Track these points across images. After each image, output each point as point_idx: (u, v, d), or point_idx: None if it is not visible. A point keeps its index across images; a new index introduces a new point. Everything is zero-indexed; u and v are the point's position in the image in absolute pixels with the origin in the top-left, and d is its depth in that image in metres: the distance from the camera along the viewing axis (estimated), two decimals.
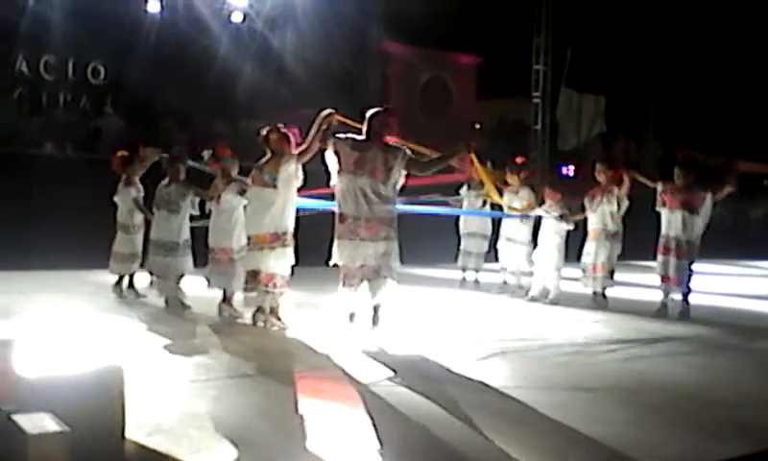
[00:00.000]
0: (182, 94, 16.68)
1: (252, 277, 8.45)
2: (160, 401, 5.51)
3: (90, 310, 9.40)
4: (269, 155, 8.54)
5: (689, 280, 10.46)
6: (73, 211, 13.09)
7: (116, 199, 10.61)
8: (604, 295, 11.17)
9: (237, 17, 18.71)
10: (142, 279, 10.39)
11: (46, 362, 4.74)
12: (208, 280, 9.33)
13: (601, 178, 11.20)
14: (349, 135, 8.38)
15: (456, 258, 13.24)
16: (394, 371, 6.85)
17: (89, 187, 13.36)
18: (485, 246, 12.99)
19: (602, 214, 11.08)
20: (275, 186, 8.34)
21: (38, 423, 3.82)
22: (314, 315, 9.35)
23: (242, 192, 8.91)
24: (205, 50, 17.89)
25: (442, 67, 29.55)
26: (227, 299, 9.19)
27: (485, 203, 12.71)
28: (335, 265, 8.25)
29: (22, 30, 16.19)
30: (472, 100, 30.62)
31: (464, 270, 13.18)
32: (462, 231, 13.07)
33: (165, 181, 9.94)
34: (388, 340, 7.99)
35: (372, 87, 21.77)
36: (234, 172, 9.25)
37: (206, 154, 9.32)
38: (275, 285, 8.47)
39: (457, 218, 13.12)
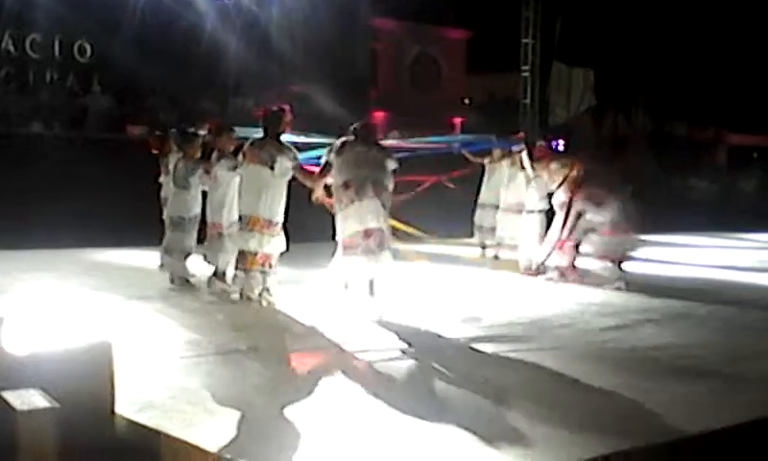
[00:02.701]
0: (170, 72, 16.55)
1: (247, 256, 8.40)
2: (151, 378, 5.50)
3: (80, 288, 9.38)
4: (263, 134, 8.54)
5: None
6: (61, 190, 13.04)
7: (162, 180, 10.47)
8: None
9: None
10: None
11: (35, 339, 4.71)
12: (205, 256, 9.33)
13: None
14: (345, 141, 8.46)
15: (472, 234, 13.18)
16: (389, 343, 6.87)
17: (77, 166, 13.32)
18: (496, 217, 12.76)
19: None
20: (272, 168, 8.31)
21: (28, 399, 3.80)
22: (301, 290, 9.33)
23: (233, 168, 8.88)
24: (193, 27, 17.76)
25: (430, 42, 29.53)
26: (217, 274, 9.19)
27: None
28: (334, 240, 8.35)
29: (7, 8, 16.04)
30: (462, 75, 30.60)
31: (483, 247, 13.11)
32: (478, 202, 12.95)
33: (174, 158, 9.81)
34: (383, 313, 8.01)
35: (360, 63, 21.65)
36: (228, 148, 9.17)
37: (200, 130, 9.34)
38: (270, 265, 8.49)
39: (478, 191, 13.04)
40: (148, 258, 11.81)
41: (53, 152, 13.78)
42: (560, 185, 10.70)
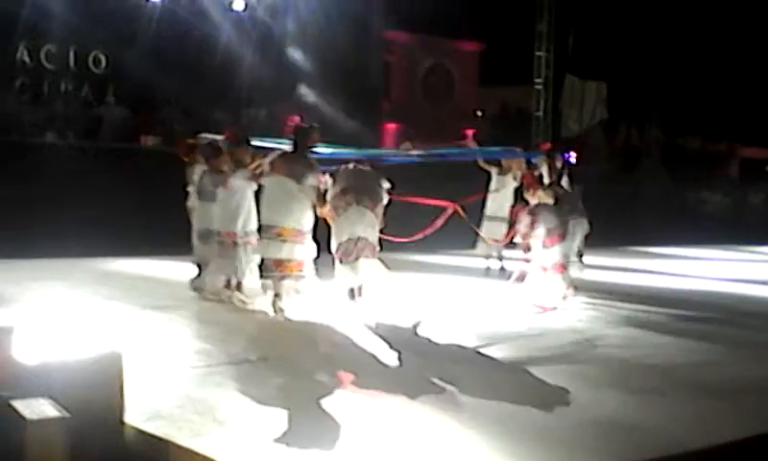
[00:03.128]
0: (184, 83, 16.64)
1: (280, 264, 8.48)
2: (161, 387, 5.52)
3: (92, 298, 9.40)
4: (293, 148, 8.67)
5: None
6: (74, 200, 13.09)
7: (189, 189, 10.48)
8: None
9: (238, 5, 18.67)
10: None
11: (46, 348, 4.75)
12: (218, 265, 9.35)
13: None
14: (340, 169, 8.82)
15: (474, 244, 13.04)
16: (397, 351, 6.91)
17: (91, 176, 13.39)
18: (503, 230, 12.43)
19: None
20: (302, 183, 8.48)
21: (38, 408, 3.83)
22: (310, 299, 9.34)
23: (250, 178, 8.94)
24: (207, 38, 17.85)
25: (444, 54, 29.54)
26: (230, 284, 9.22)
27: (517, 191, 12.46)
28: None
29: (23, 19, 16.14)
30: (474, 87, 30.60)
31: (487, 258, 12.95)
32: (485, 213, 12.74)
33: (200, 170, 9.81)
34: (389, 321, 8.14)
35: (373, 75, 21.71)
36: (245, 158, 9.20)
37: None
38: (305, 270, 8.62)
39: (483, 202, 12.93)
40: (160, 268, 11.89)
41: (67, 161, 13.85)
42: None
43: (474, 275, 12.67)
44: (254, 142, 9.52)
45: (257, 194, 9.05)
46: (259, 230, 8.74)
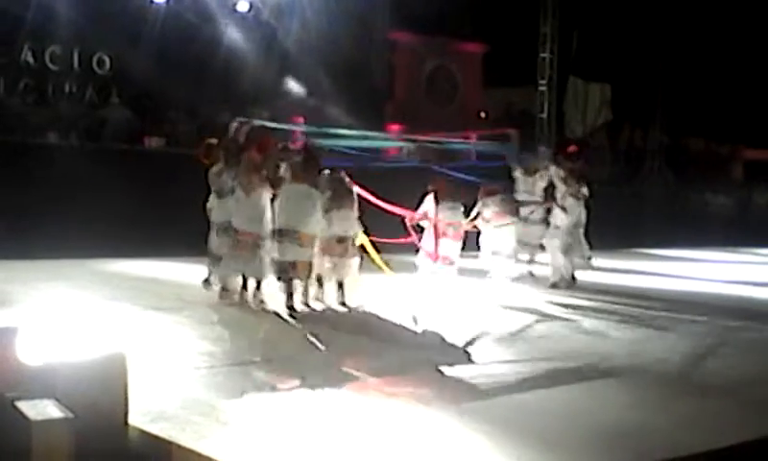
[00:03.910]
0: (188, 84, 16.65)
1: (295, 266, 8.89)
2: (165, 389, 5.52)
3: (96, 299, 9.41)
4: (305, 162, 9.13)
5: None
6: (78, 201, 13.09)
7: None
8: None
9: (243, 7, 18.68)
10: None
11: (50, 349, 4.75)
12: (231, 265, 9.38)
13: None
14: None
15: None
16: (401, 356, 6.93)
17: (94, 177, 13.38)
18: (538, 233, 12.10)
19: None
20: (323, 192, 9.10)
21: (42, 409, 3.84)
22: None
23: (276, 186, 9.15)
24: (211, 40, 17.86)
25: (448, 56, 29.43)
26: (246, 286, 9.26)
27: (546, 190, 12.11)
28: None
29: (28, 20, 16.15)
30: (479, 88, 30.52)
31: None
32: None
33: (217, 169, 9.82)
34: (396, 322, 8.35)
35: (377, 76, 21.72)
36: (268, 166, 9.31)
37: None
38: (311, 272, 9.08)
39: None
40: (164, 269, 11.90)
41: (70, 162, 13.85)
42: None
43: (482, 276, 12.64)
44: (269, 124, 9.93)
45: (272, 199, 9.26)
46: (275, 232, 8.98)
